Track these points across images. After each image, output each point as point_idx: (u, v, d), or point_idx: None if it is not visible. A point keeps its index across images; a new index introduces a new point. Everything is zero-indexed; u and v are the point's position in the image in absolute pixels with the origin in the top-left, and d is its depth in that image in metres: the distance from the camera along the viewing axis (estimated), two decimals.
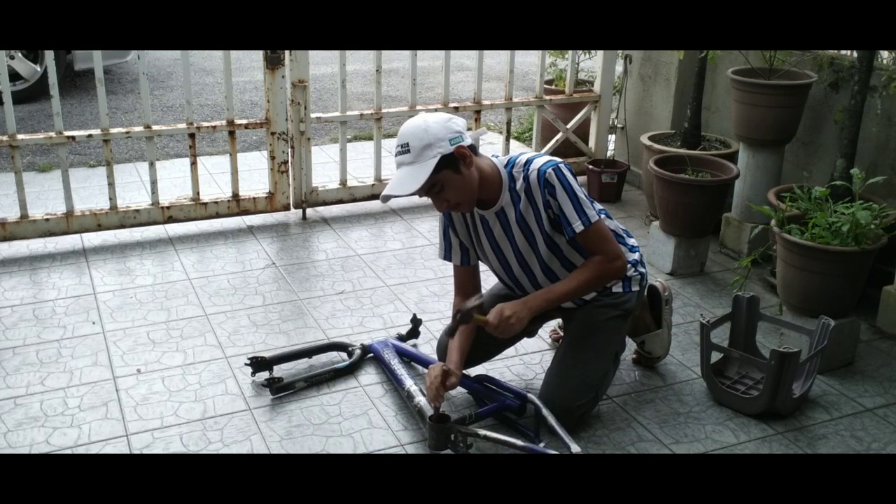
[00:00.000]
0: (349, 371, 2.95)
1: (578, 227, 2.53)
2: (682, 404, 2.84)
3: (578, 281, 2.59)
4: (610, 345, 2.74)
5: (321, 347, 3.05)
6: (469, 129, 2.78)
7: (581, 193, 2.55)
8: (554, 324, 3.16)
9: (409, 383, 2.75)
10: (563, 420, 2.54)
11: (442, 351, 2.83)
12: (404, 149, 2.45)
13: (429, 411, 2.54)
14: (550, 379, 2.67)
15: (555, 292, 2.60)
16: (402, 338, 3.11)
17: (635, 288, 2.78)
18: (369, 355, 3.03)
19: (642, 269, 2.82)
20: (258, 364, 2.87)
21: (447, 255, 2.77)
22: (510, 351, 3.02)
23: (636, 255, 2.81)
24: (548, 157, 2.59)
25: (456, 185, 2.48)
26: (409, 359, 2.99)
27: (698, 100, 4.12)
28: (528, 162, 2.57)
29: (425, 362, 2.93)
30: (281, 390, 2.80)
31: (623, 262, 2.63)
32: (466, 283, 2.78)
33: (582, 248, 2.63)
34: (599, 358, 2.70)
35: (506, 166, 2.60)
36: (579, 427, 2.66)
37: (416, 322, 3.15)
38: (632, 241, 2.83)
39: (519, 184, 2.58)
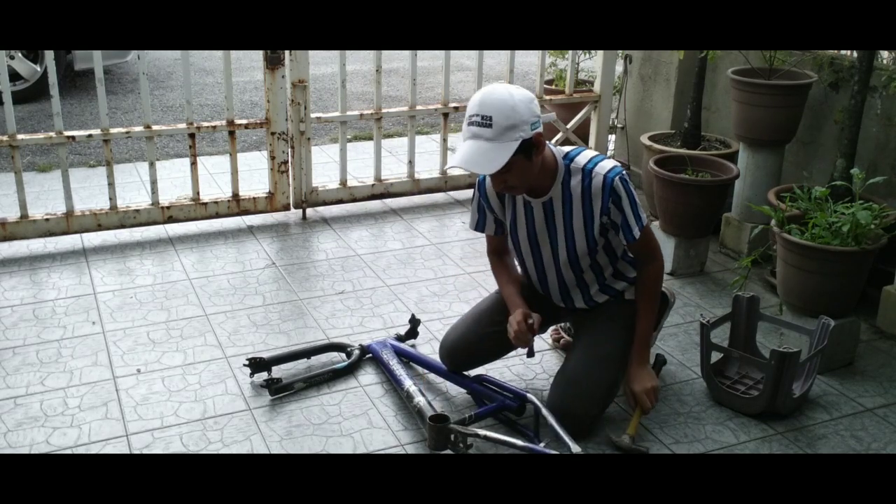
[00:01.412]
0: (348, 372, 2.94)
1: (637, 232, 2.56)
2: (682, 404, 2.84)
3: (650, 304, 2.68)
4: (622, 353, 2.74)
5: (320, 348, 3.05)
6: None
7: (637, 204, 2.58)
8: (558, 323, 3.15)
9: (409, 384, 2.74)
10: (575, 427, 2.53)
11: (445, 352, 2.82)
12: (486, 122, 2.34)
13: (428, 412, 2.54)
14: (566, 387, 2.63)
15: (645, 333, 2.69)
16: (400, 338, 3.11)
17: None
18: (368, 356, 3.03)
19: None
20: (256, 365, 2.87)
21: (479, 227, 2.76)
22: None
23: None
24: (612, 163, 2.56)
25: (522, 171, 2.43)
26: (407, 359, 2.99)
27: (698, 100, 4.12)
28: (591, 162, 2.54)
29: (424, 362, 2.93)
30: (280, 391, 2.80)
31: (663, 267, 2.73)
32: (500, 247, 2.82)
33: (610, 252, 2.67)
34: (612, 366, 2.69)
35: (564, 158, 2.56)
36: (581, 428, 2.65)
37: (414, 322, 3.14)
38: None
39: (575, 181, 2.54)
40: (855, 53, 3.50)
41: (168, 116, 6.09)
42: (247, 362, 2.89)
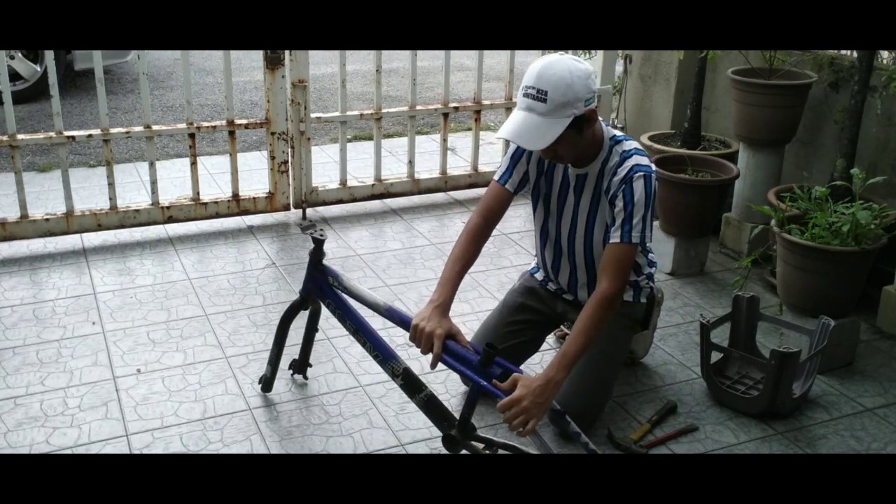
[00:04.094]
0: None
1: (615, 238, 2.46)
2: (682, 404, 2.84)
3: (588, 328, 2.40)
4: (619, 353, 2.77)
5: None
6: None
7: (645, 213, 2.46)
8: (561, 325, 3.15)
9: (403, 363, 2.43)
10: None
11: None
12: (541, 96, 2.32)
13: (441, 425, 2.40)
14: (565, 385, 2.63)
15: (570, 355, 2.36)
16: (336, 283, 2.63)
17: (643, 300, 2.81)
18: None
19: (652, 284, 2.84)
20: (300, 365, 2.90)
21: (504, 179, 2.64)
22: None
23: (652, 270, 2.84)
24: (648, 162, 2.51)
25: (572, 144, 2.43)
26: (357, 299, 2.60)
27: (698, 100, 4.12)
28: (632, 151, 2.53)
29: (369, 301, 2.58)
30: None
31: (619, 298, 2.50)
32: (495, 206, 2.64)
33: None
34: (610, 366, 2.71)
35: (611, 139, 2.56)
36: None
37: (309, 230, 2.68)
38: (651, 256, 2.86)
39: (612, 163, 2.54)
40: (855, 53, 3.50)
41: (168, 116, 6.09)
42: (291, 369, 2.91)
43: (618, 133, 2.60)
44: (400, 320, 2.48)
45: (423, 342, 2.33)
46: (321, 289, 2.62)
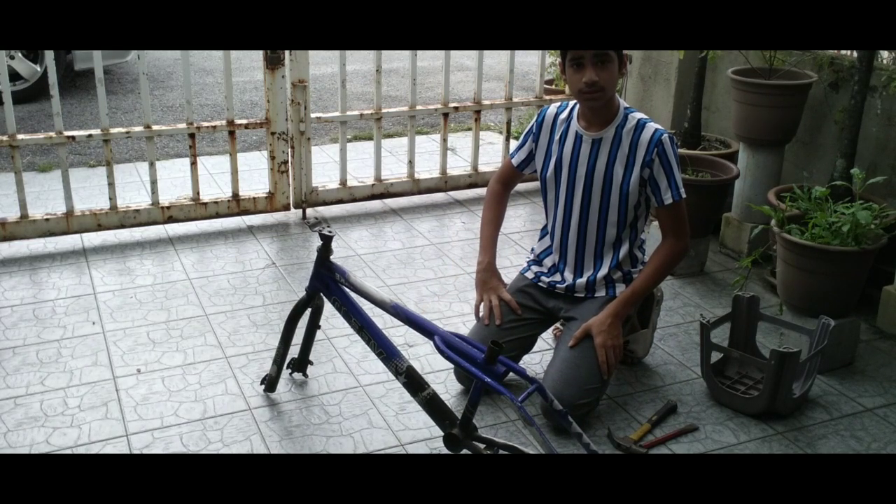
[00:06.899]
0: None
1: (682, 193, 2.73)
2: (682, 404, 2.84)
3: (656, 272, 2.77)
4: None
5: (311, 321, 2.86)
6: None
7: (679, 170, 2.74)
8: (556, 322, 3.16)
9: (406, 361, 2.43)
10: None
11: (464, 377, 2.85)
12: None
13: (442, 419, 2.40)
14: (556, 376, 2.67)
15: (637, 291, 2.76)
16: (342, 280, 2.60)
17: None
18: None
19: None
20: (299, 363, 2.89)
21: (513, 154, 2.99)
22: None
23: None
24: (662, 126, 2.76)
25: (612, 75, 2.66)
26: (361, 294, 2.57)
27: (698, 100, 4.12)
28: (646, 119, 2.76)
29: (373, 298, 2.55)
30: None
31: (687, 252, 2.85)
32: (507, 176, 3.04)
33: (633, 229, 2.84)
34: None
35: (625, 108, 2.78)
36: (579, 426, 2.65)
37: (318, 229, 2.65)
38: (644, 248, 2.90)
39: (628, 129, 2.73)
40: (855, 53, 3.50)
41: (168, 116, 6.10)
42: (290, 368, 2.89)
43: (630, 106, 2.82)
44: (406, 317, 2.49)
45: (493, 302, 2.86)
46: (327, 286, 2.62)
